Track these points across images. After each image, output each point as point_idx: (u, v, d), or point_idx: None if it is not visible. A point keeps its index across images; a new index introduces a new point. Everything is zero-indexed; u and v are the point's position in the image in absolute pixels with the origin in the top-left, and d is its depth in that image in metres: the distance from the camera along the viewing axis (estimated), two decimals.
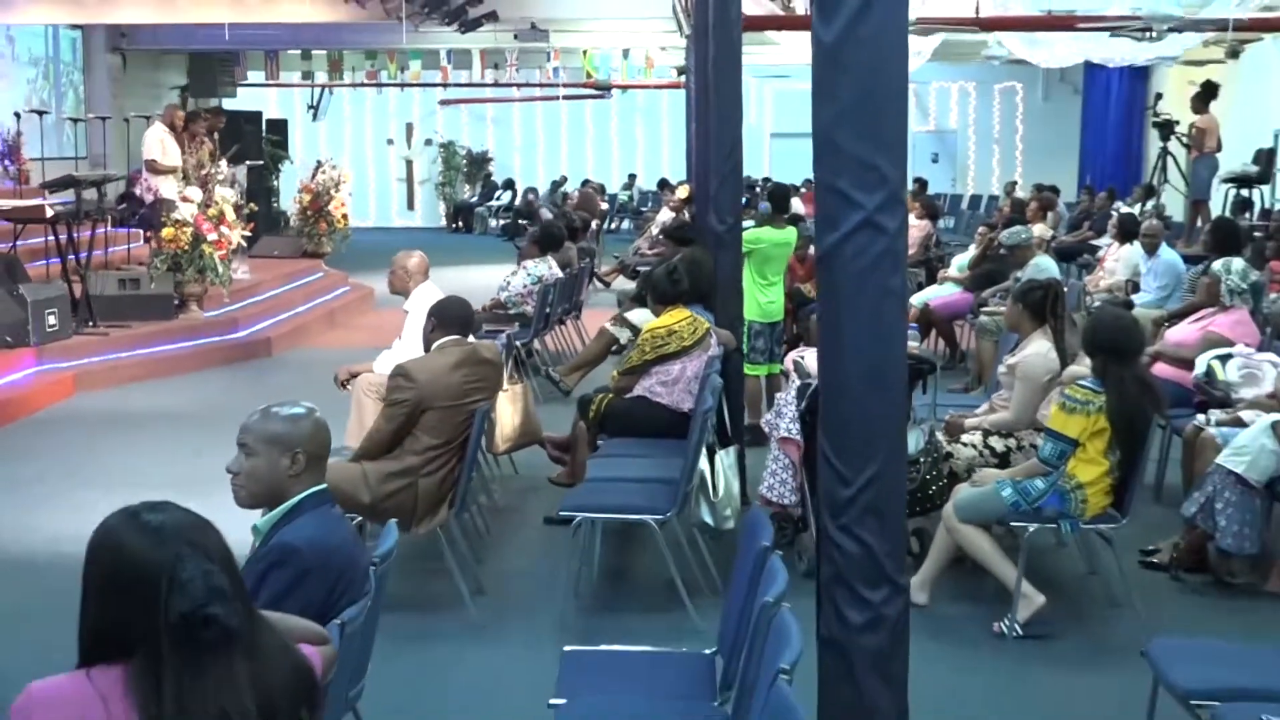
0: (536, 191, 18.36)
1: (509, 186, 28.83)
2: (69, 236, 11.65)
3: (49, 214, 11.35)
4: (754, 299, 8.91)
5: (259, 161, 19.01)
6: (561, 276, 11.48)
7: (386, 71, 22.06)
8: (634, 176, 29.78)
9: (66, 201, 11.91)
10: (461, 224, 30.02)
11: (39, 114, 14.21)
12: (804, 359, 6.86)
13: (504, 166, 30.32)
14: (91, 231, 12.00)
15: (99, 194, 12.46)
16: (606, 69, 23.41)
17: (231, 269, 12.50)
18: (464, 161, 31.15)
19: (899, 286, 2.62)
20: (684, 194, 16.99)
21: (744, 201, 10.08)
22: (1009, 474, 5.97)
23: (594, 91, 26.17)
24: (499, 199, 29.32)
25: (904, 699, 2.71)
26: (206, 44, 18.46)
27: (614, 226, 27.25)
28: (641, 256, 16.29)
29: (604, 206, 23.56)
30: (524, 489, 8.07)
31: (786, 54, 20.25)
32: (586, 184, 22.95)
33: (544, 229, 12.09)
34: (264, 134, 21.08)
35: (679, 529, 6.17)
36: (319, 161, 17.94)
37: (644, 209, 26.71)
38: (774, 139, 28.94)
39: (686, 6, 13.31)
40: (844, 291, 2.58)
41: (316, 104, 28.39)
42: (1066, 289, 7.47)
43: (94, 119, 15.35)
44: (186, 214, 11.73)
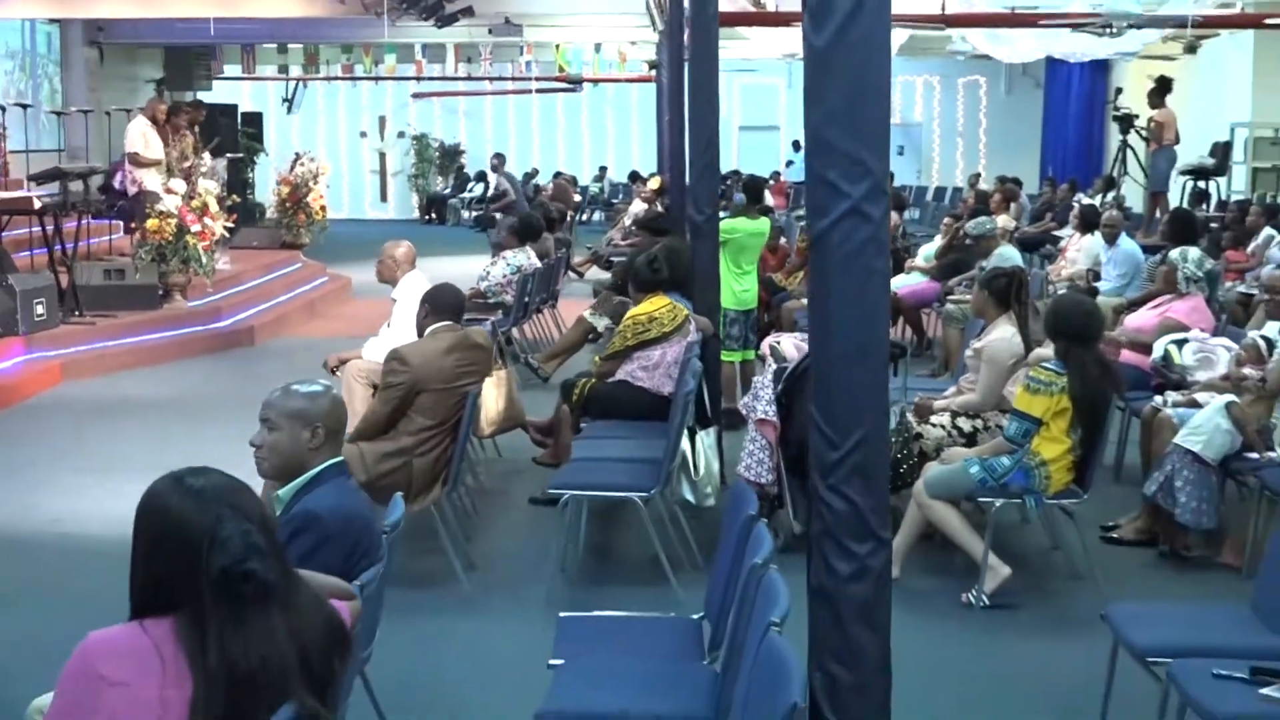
0: (513, 178, 18.50)
1: (481, 179, 29.01)
2: (56, 228, 11.83)
3: (37, 205, 11.53)
4: (729, 287, 9.19)
5: (239, 155, 19.18)
6: (540, 266, 11.74)
7: (362, 65, 22.25)
8: (604, 169, 30.02)
9: (52, 193, 12.09)
10: (434, 215, 30.19)
11: (23, 107, 14.33)
12: (780, 344, 7.15)
13: (476, 159, 30.49)
14: (78, 223, 12.19)
15: (85, 186, 12.64)
16: (579, 63, 23.65)
17: (215, 260, 12.70)
18: (436, 154, 31.35)
19: (882, 268, 2.91)
20: (655, 185, 17.26)
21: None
22: (976, 452, 6.27)
23: (566, 85, 26.41)
24: (471, 191, 29.52)
25: (887, 643, 3.00)
26: (185, 38, 18.61)
27: (585, 218, 27.48)
28: (615, 247, 16.55)
29: (576, 198, 23.78)
30: (508, 471, 8.32)
31: (755, 49, 20.54)
32: (559, 176, 23.15)
33: (523, 220, 12.34)
34: (240, 127, 21.23)
35: (662, 506, 6.44)
36: (297, 154, 18.13)
37: (615, 201, 26.94)
38: (742, 132, 29.25)
39: (660, 1, 13.57)
40: (832, 273, 2.87)
41: (291, 97, 28.51)
42: (1030, 278, 7.77)
43: (76, 112, 15.47)
44: (171, 206, 11.93)
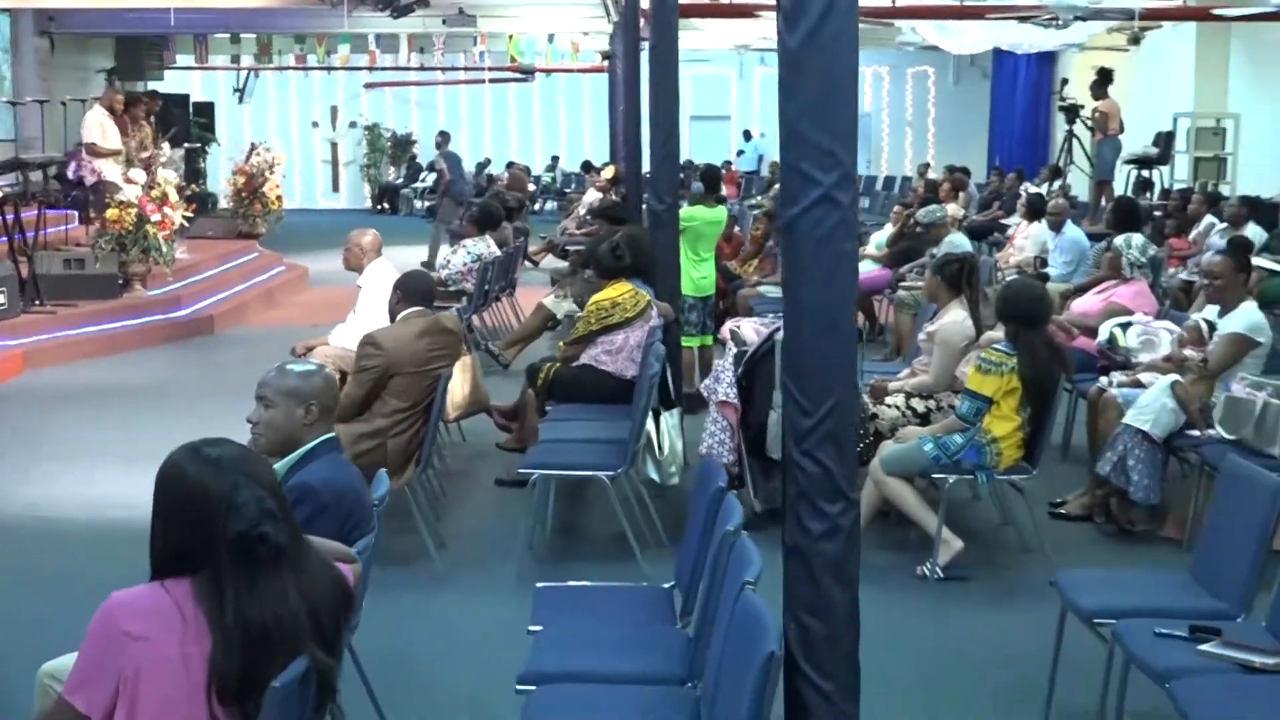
0: (453, 156, 18.47)
1: (433, 168, 29.10)
2: (15, 217, 11.90)
3: None
4: (688, 275, 9.40)
5: (196, 145, 19.21)
6: (499, 255, 11.92)
7: (315, 55, 22.30)
8: (557, 158, 30.17)
9: (11, 184, 12.15)
10: (386, 205, 30.27)
11: None
12: (740, 328, 7.37)
13: (428, 149, 30.50)
14: (38, 212, 12.26)
15: (45, 176, 12.70)
16: (532, 53, 23.79)
17: (174, 249, 12.81)
18: (388, 144, 31.40)
19: (851, 251, 3.17)
20: (610, 175, 17.46)
21: None
22: (930, 431, 6.52)
23: (518, 75, 26.54)
24: (424, 180, 29.60)
25: (855, 596, 3.24)
26: (137, 27, 18.62)
27: (538, 207, 27.63)
28: (570, 236, 16.72)
29: (531, 187, 23.92)
30: (472, 455, 8.51)
31: (707, 39, 20.79)
32: (512, 166, 23.31)
33: (483, 209, 12.52)
34: (192, 117, 21.24)
35: (628, 486, 6.65)
36: (253, 144, 18.20)
37: (568, 190, 27.10)
38: (693, 121, 29.44)
39: None
40: (805, 256, 3.11)
41: (243, 87, 28.48)
42: (979, 265, 8.02)
43: (31, 102, 15.49)
44: (131, 195, 12.02)
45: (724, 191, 16.67)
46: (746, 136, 29.98)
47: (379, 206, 30.50)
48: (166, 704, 2.83)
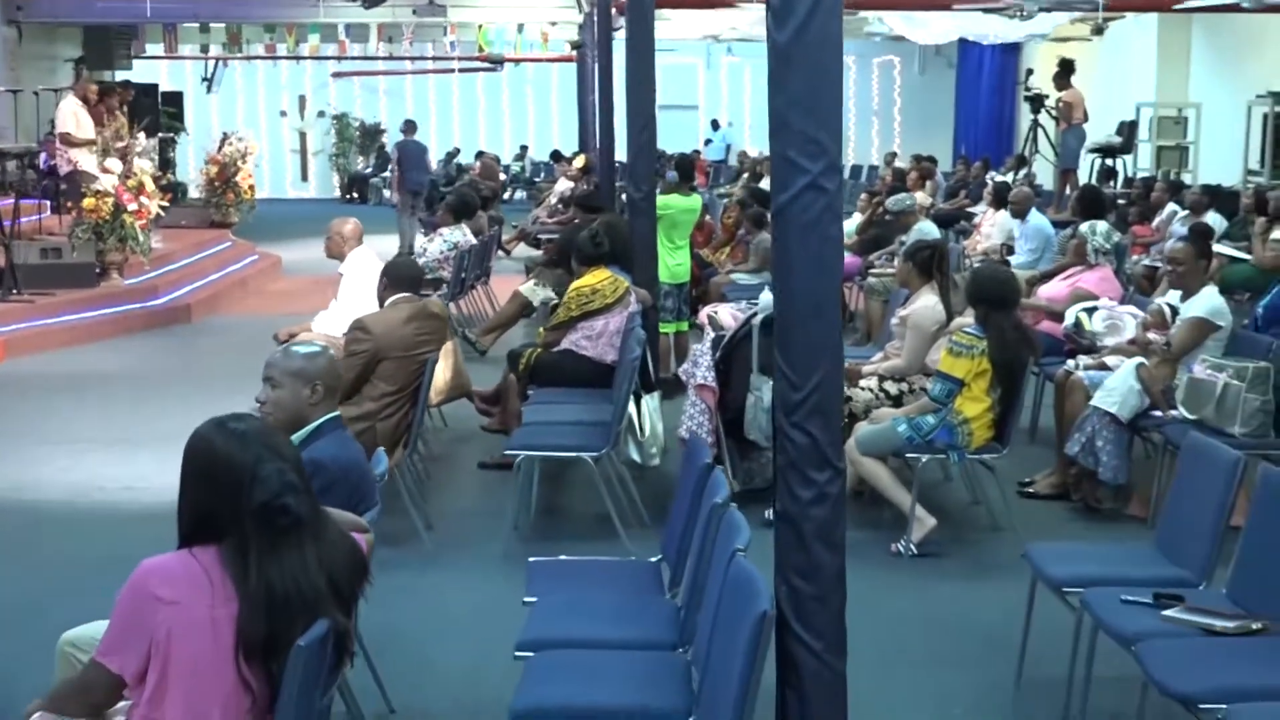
0: (414, 145, 18.46)
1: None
2: None
3: None
4: (663, 262, 9.58)
5: (169, 134, 19.25)
6: (475, 243, 12.07)
7: (285, 45, 22.34)
8: (525, 148, 30.26)
9: None
10: (356, 195, 30.29)
11: None
12: (717, 313, 7.56)
13: (397, 138, 30.57)
14: (15, 202, 12.33)
15: (21, 166, 12.77)
16: (501, 43, 23.89)
17: (150, 238, 12.90)
18: (357, 133, 31.41)
19: (836, 234, 3.37)
20: (581, 164, 17.62)
21: None
22: (904, 412, 6.72)
23: (487, 65, 26.62)
24: (391, 170, 29.64)
25: (843, 559, 3.44)
26: (105, 17, 18.63)
27: (508, 196, 27.72)
28: (542, 225, 16.87)
29: (502, 177, 24.03)
30: (454, 439, 8.67)
31: (675, 29, 20.94)
32: (482, 155, 23.39)
33: (459, 198, 12.66)
34: (161, 106, 21.25)
35: (610, 467, 6.83)
36: (225, 133, 18.26)
37: (537, 180, 27.20)
38: (661, 111, 29.52)
39: None
40: (793, 239, 3.31)
41: (211, 76, 28.45)
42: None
43: (3, 92, 15.52)
44: (107, 185, 12.10)
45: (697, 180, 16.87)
46: (714, 126, 30.16)
47: (348, 196, 30.50)
48: (197, 664, 2.99)
